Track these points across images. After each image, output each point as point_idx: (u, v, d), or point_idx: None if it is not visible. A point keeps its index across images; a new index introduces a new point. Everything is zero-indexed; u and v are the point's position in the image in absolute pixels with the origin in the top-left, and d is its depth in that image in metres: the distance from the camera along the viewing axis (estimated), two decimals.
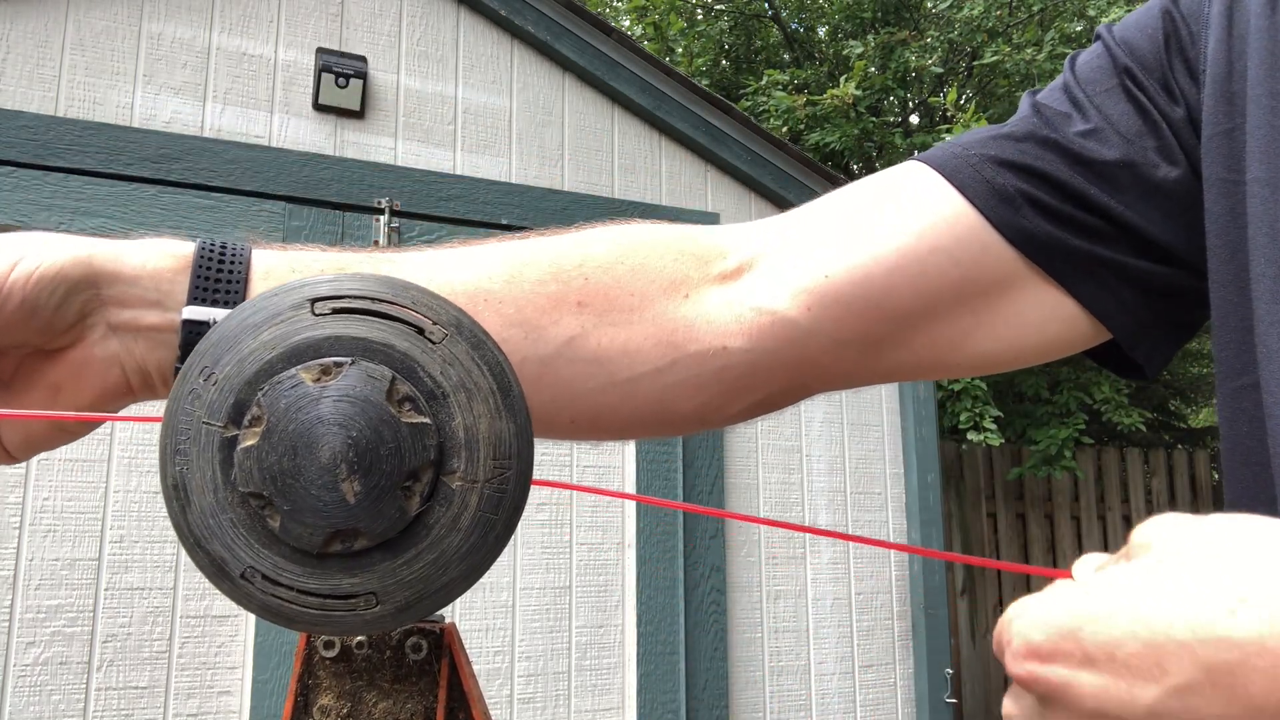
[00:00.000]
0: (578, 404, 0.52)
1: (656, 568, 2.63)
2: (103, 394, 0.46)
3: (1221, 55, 0.49)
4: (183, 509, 0.35)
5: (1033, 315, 0.54)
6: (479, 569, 0.36)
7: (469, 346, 0.36)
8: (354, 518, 0.34)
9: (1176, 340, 0.56)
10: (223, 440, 0.35)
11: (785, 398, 0.57)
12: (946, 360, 0.56)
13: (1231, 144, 0.48)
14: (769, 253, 0.55)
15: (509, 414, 0.36)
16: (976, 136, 0.55)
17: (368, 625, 0.35)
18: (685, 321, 0.52)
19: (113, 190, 2.23)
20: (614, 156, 2.85)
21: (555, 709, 2.48)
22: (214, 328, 0.36)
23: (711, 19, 7.05)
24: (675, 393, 0.53)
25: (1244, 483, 0.46)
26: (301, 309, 0.36)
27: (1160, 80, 0.52)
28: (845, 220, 0.55)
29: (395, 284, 0.37)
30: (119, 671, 2.10)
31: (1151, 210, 0.52)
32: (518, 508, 0.36)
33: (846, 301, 0.53)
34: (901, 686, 2.94)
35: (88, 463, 2.15)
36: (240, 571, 0.35)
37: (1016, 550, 5.47)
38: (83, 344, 0.45)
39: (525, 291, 0.51)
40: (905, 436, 3.06)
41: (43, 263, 0.43)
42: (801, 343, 0.53)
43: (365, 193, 2.48)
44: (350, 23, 2.58)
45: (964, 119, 4.39)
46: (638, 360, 0.52)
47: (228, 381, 0.35)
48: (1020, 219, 0.52)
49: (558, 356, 0.51)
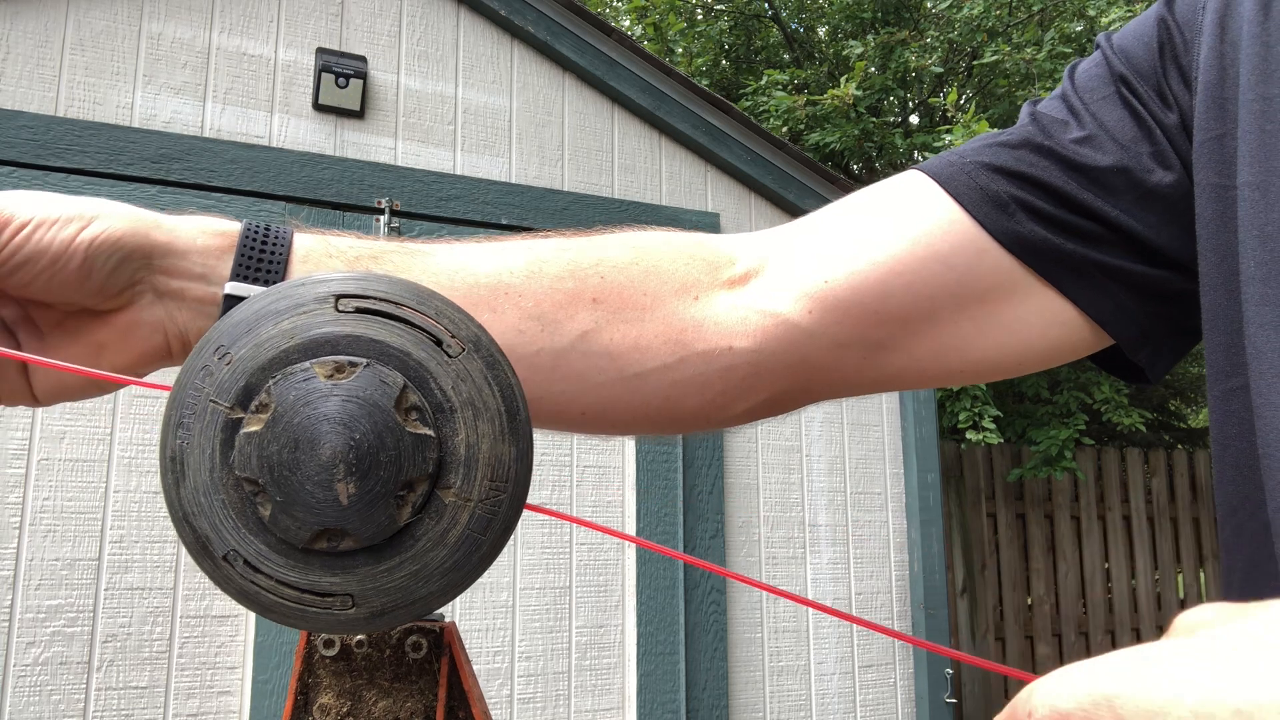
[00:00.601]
0: (588, 396, 0.54)
1: (656, 568, 2.63)
2: (144, 356, 0.48)
3: (1213, 62, 0.50)
4: (177, 482, 0.35)
5: (1034, 321, 0.54)
6: (458, 586, 0.36)
7: (484, 365, 0.36)
8: (344, 519, 0.34)
9: (1179, 345, 0.57)
10: (227, 421, 0.35)
11: (788, 401, 0.58)
12: (950, 367, 0.57)
13: (1222, 149, 0.48)
14: (774, 259, 0.57)
15: (512, 437, 0.36)
16: (973, 145, 0.56)
17: (340, 626, 0.35)
18: (694, 321, 0.54)
19: (113, 190, 2.23)
20: (614, 156, 2.85)
21: (555, 709, 2.48)
22: (237, 308, 0.36)
23: (711, 19, 7.05)
24: (681, 389, 0.55)
25: (1235, 484, 0.46)
26: (326, 303, 0.36)
27: (1155, 87, 0.53)
28: (846, 227, 0.57)
29: (422, 292, 0.37)
30: (119, 671, 2.10)
31: (1147, 215, 0.52)
32: (506, 531, 0.36)
33: (846, 306, 0.54)
34: (901, 686, 2.94)
35: (88, 463, 2.15)
36: (223, 553, 0.35)
37: (1016, 550, 5.47)
38: (131, 308, 0.47)
39: (544, 287, 0.52)
40: (905, 436, 3.06)
41: (107, 229, 0.45)
42: (804, 345, 0.55)
43: (365, 193, 2.48)
44: (350, 23, 2.58)
45: (964, 119, 4.39)
46: (647, 356, 0.54)
47: (241, 364, 0.35)
48: (1014, 224, 0.53)
49: (572, 349, 0.52)
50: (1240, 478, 0.45)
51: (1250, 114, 0.46)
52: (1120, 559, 5.72)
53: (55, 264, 0.44)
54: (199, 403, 0.35)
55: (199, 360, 0.36)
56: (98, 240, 0.45)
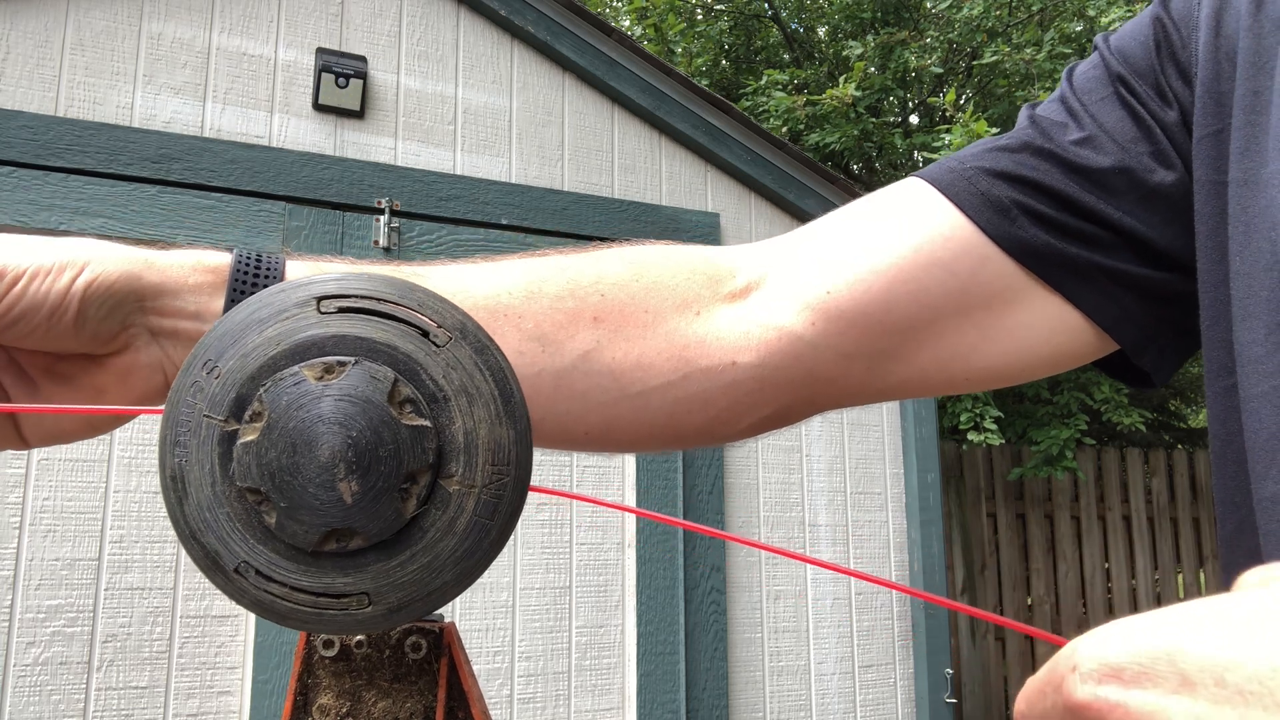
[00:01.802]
0: (591, 416, 0.53)
1: (656, 568, 2.63)
2: (144, 396, 0.48)
3: (1210, 58, 0.49)
4: (179, 501, 0.35)
5: (1039, 326, 0.54)
6: (473, 573, 0.36)
7: (472, 351, 0.36)
8: (350, 518, 0.34)
9: (1183, 348, 0.56)
10: (222, 434, 0.35)
11: (794, 413, 0.58)
12: (954, 375, 0.56)
13: (1219, 145, 0.48)
14: (775, 271, 0.56)
15: (509, 420, 0.36)
16: (973, 150, 0.56)
17: (360, 625, 0.35)
18: (696, 338, 0.54)
19: (113, 190, 2.23)
20: (614, 156, 2.85)
21: (555, 709, 2.48)
22: (220, 321, 0.36)
23: (711, 19, 7.05)
24: (685, 406, 0.54)
25: (1235, 480, 0.46)
26: (307, 306, 0.36)
27: (1153, 85, 0.53)
28: (847, 237, 0.56)
29: (401, 285, 0.37)
30: (119, 671, 2.10)
31: (1150, 215, 0.52)
32: (514, 514, 0.36)
33: (849, 316, 0.54)
34: (901, 687, 2.94)
35: (88, 463, 2.15)
36: (234, 566, 0.35)
37: (1016, 550, 5.47)
38: (128, 351, 0.47)
39: (544, 307, 0.52)
40: (905, 436, 3.06)
41: (100, 275, 0.45)
42: (808, 357, 0.55)
43: (365, 193, 2.48)
44: (350, 23, 2.58)
45: (964, 119, 4.39)
46: (650, 374, 0.53)
47: (230, 376, 0.35)
48: (1016, 229, 0.53)
49: (573, 369, 0.52)
50: (1240, 473, 0.45)
51: (1241, 109, 0.46)
52: (1120, 559, 5.72)
53: (53, 316, 0.44)
54: (193, 419, 0.35)
55: (188, 378, 0.35)
56: (92, 288, 0.44)
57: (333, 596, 0.35)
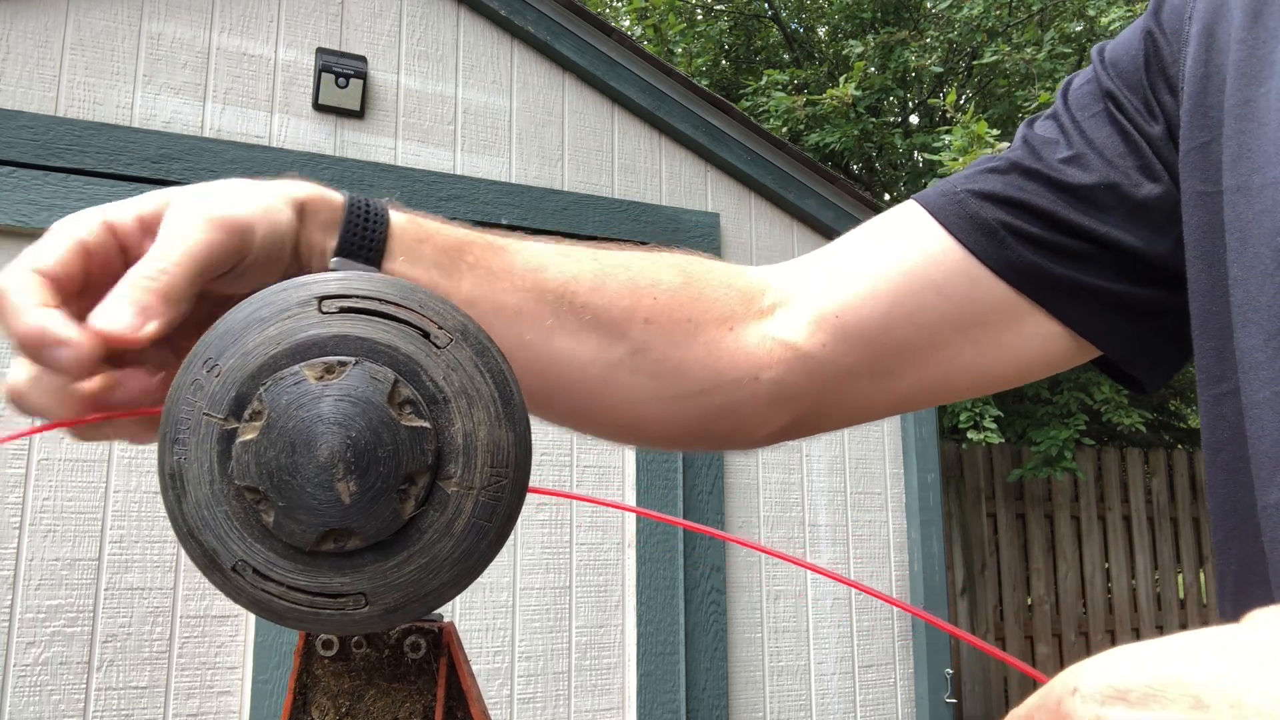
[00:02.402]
0: (627, 412, 0.57)
1: (656, 568, 2.63)
2: None
3: (1199, 72, 0.50)
4: (178, 499, 0.35)
5: (1033, 340, 0.56)
6: (470, 575, 0.36)
7: (473, 353, 0.36)
8: (348, 517, 0.34)
9: (1176, 356, 0.58)
10: (222, 433, 0.35)
11: (809, 426, 0.61)
12: (955, 386, 0.59)
13: (1208, 157, 0.49)
14: (794, 291, 0.60)
15: (509, 422, 0.36)
16: (966, 172, 0.58)
17: (356, 625, 0.35)
18: (728, 351, 0.57)
19: (113, 190, 2.23)
20: (614, 156, 2.85)
21: (555, 709, 2.48)
22: (222, 318, 0.36)
23: (711, 19, 7.05)
24: (712, 414, 0.58)
25: (1227, 489, 0.46)
26: (309, 306, 0.36)
27: (1141, 99, 0.54)
28: (851, 259, 0.60)
29: (403, 286, 0.37)
30: (119, 671, 2.10)
31: (1138, 229, 0.53)
32: (512, 516, 0.36)
33: (852, 336, 0.57)
34: (901, 687, 2.94)
35: (88, 463, 2.15)
36: (232, 564, 0.35)
37: (1016, 550, 5.47)
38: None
39: (605, 301, 0.55)
40: (905, 436, 3.06)
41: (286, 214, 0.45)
42: (818, 374, 0.58)
43: (365, 192, 2.47)
44: (350, 23, 2.58)
45: (964, 119, 4.39)
46: (686, 381, 0.56)
47: (231, 374, 0.35)
48: (1004, 251, 0.55)
49: (621, 365, 0.55)
50: (1232, 481, 0.46)
51: (1233, 118, 0.47)
52: (1120, 559, 5.72)
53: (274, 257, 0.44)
54: (192, 417, 0.35)
55: (188, 376, 0.35)
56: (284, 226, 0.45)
57: (329, 596, 0.35)
